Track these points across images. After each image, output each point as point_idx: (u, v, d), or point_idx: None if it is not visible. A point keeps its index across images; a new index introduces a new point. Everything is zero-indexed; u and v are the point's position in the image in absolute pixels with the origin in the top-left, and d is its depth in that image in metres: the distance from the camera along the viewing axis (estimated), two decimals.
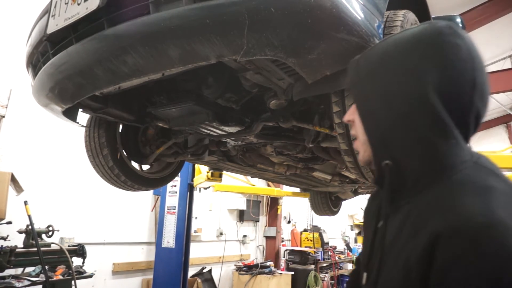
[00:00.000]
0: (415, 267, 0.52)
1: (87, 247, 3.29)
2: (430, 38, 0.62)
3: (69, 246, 3.19)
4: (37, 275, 2.80)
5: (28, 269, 2.93)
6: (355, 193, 4.02)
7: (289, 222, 8.41)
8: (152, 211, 5.15)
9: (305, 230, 8.03)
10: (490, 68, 7.82)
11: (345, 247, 8.41)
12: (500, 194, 0.52)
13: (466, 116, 0.59)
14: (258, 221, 7.52)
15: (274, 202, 7.69)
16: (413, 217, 0.57)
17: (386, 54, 0.65)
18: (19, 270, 3.04)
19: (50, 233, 3.15)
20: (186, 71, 1.22)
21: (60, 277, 2.87)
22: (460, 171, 0.57)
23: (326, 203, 4.25)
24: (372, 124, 0.66)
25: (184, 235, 4.71)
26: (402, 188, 0.62)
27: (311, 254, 6.80)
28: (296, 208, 8.39)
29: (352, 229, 10.55)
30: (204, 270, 5.57)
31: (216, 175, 3.46)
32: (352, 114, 0.72)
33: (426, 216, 0.54)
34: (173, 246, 4.65)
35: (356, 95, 0.71)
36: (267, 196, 7.52)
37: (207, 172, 3.51)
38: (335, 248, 8.16)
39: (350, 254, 7.98)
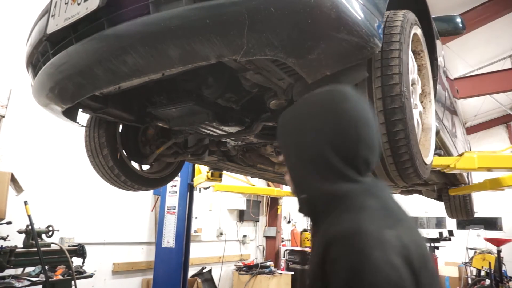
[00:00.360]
0: (317, 268, 0.72)
1: (87, 247, 3.29)
2: (325, 104, 0.84)
3: (69, 246, 3.18)
4: (37, 275, 2.80)
5: (28, 269, 2.93)
6: None
7: (289, 222, 8.41)
8: (152, 211, 5.15)
9: (305, 230, 8.03)
10: (490, 68, 7.82)
11: None
12: (371, 211, 0.74)
13: (355, 162, 0.81)
14: (258, 221, 7.52)
15: (274, 202, 7.69)
16: (321, 234, 0.78)
17: (299, 114, 0.88)
18: (19, 270, 3.04)
19: (50, 233, 3.15)
20: (186, 71, 1.22)
21: (60, 277, 2.87)
22: (350, 198, 0.78)
23: None
24: (291, 168, 0.89)
25: (184, 235, 4.71)
26: (317, 214, 0.84)
27: (311, 254, 6.80)
28: (296, 208, 8.38)
29: None
30: (204, 270, 5.57)
31: (216, 175, 3.46)
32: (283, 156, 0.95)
33: (326, 232, 0.75)
34: (173, 246, 4.65)
35: (280, 145, 0.94)
36: (267, 196, 7.52)
37: (207, 172, 3.51)
38: None
39: None
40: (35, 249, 2.77)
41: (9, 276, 2.73)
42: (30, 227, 2.88)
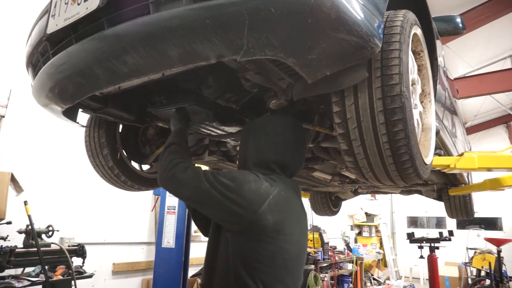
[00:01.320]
0: None
1: (87, 247, 3.29)
2: (276, 128, 1.36)
3: (69, 246, 3.19)
4: (37, 275, 2.80)
5: (28, 269, 2.93)
6: (355, 193, 4.03)
7: None
8: (152, 211, 5.15)
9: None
10: (490, 68, 7.82)
11: (345, 247, 8.40)
12: (266, 177, 1.22)
13: (287, 167, 1.34)
14: None
15: None
16: None
17: (261, 128, 1.37)
18: (19, 270, 3.04)
19: (50, 233, 3.15)
20: (186, 71, 1.22)
21: (60, 277, 2.87)
22: (252, 170, 1.27)
23: (326, 203, 4.25)
24: (243, 156, 1.38)
25: (184, 235, 4.71)
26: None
27: (311, 254, 6.80)
28: None
29: (352, 229, 10.55)
30: None
31: None
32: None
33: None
34: (173, 246, 4.65)
35: (242, 140, 1.43)
36: None
37: None
38: (335, 248, 8.15)
39: (350, 254, 7.97)
40: (35, 249, 2.77)
41: (9, 276, 2.73)
42: (30, 227, 2.89)
